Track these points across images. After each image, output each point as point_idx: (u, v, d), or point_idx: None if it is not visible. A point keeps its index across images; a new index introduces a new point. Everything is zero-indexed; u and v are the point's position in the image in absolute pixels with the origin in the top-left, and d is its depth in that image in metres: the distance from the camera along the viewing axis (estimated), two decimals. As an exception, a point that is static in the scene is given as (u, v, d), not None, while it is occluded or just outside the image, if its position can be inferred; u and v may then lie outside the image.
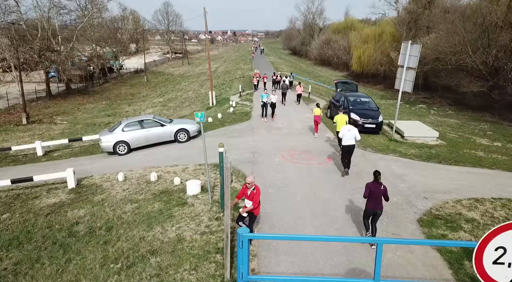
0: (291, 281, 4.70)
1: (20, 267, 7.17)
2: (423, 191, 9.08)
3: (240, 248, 2.50)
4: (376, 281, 2.50)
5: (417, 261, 6.22)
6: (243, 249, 2.49)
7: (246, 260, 2.51)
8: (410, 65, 12.86)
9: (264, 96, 16.68)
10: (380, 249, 2.57)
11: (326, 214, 7.93)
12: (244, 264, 2.49)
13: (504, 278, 2.31)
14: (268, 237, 5.93)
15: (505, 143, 18.78)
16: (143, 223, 7.95)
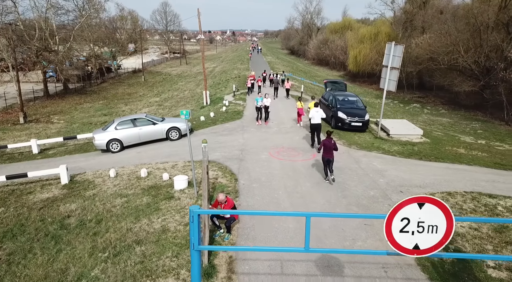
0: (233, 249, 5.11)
1: (14, 257, 7.57)
2: (400, 185, 9.52)
3: (191, 222, 2.90)
4: (306, 249, 2.91)
5: (382, 245, 6.65)
6: (194, 223, 2.90)
7: (196, 233, 2.91)
8: (393, 65, 13.28)
9: (258, 100, 16.34)
10: (308, 222, 3.00)
11: (305, 206, 8.36)
12: (194, 236, 2.90)
13: (409, 244, 2.73)
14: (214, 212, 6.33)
15: (490, 141, 19.25)
16: (131, 216, 8.36)
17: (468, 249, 6.62)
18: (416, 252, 2.80)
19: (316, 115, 12.12)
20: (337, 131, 15.04)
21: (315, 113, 12.15)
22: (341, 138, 14.02)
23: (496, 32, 32.16)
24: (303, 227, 7.43)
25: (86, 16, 43.59)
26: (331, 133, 9.56)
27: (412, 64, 39.84)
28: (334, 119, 15.26)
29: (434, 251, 2.77)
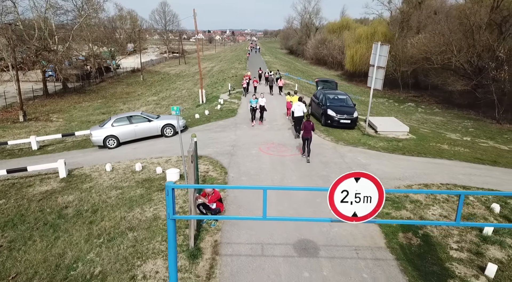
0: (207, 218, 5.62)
1: (14, 244, 8.09)
2: (380, 178, 9.86)
3: (167, 195, 3.41)
4: (264, 217, 3.42)
5: (358, 234, 7.18)
6: (169, 196, 3.41)
7: (171, 204, 3.42)
8: (380, 65, 13.80)
9: (253, 102, 16.08)
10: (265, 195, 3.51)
11: (289, 198, 8.88)
12: (169, 207, 3.41)
13: (349, 212, 3.24)
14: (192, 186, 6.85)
15: (477, 138, 19.80)
16: (125, 206, 8.88)
17: (436, 234, 7.15)
18: (355, 219, 3.31)
19: (297, 108, 13.61)
20: (327, 129, 15.57)
21: (297, 107, 13.67)
22: (329, 135, 14.55)
23: (489, 32, 32.71)
24: (283, 213, 7.99)
25: (85, 16, 44.06)
26: (309, 116, 11.80)
27: (407, 63, 40.42)
28: (324, 116, 15.78)
29: (369, 218, 3.29)
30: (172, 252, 3.68)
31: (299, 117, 13.44)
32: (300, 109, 13.53)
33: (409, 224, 7.07)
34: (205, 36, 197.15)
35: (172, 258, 3.72)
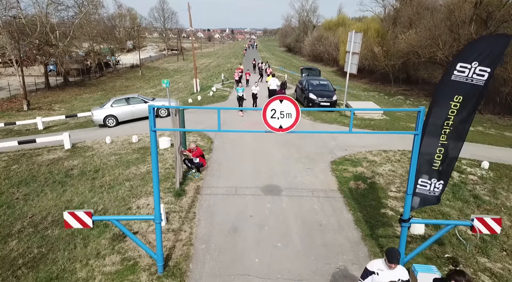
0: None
1: (29, 196, 9.50)
2: (346, 146, 11.48)
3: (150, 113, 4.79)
4: (219, 129, 4.81)
5: (317, 182, 8.62)
6: (151, 114, 4.80)
7: (152, 120, 4.81)
8: (354, 51, 15.20)
9: (239, 90, 16.31)
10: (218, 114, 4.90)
11: (263, 157, 10.31)
12: (151, 122, 4.80)
13: (277, 125, 4.63)
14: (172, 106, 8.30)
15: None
16: (123, 166, 10.31)
17: (381, 182, 8.59)
18: (281, 129, 4.69)
19: (272, 83, 16.44)
20: (310, 111, 16.99)
21: (272, 81, 16.61)
22: (309, 115, 15.98)
23: (477, 27, 34.14)
24: (256, 170, 9.43)
25: (84, 12, 45.40)
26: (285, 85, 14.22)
27: (395, 57, 41.83)
28: (306, 100, 17.20)
29: (291, 129, 4.68)
30: (154, 161, 5.08)
31: (273, 90, 15.81)
32: (274, 83, 15.82)
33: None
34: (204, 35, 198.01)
35: (155, 168, 5.12)
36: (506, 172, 10.16)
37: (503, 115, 29.53)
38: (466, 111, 4.62)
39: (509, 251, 6.64)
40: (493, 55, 4.38)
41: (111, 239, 6.47)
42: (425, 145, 4.82)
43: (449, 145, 4.79)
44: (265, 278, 5.28)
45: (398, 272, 3.62)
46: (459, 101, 4.57)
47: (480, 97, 4.56)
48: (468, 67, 4.45)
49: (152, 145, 4.96)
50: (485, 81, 4.49)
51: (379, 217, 7.06)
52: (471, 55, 4.42)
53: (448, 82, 4.58)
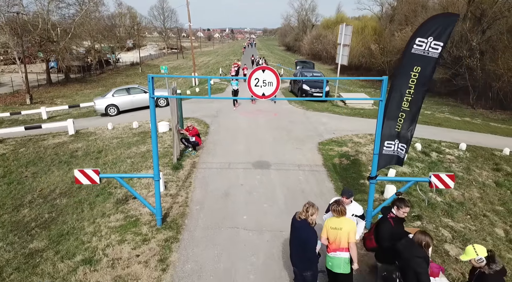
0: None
1: (37, 174, 10.21)
2: (334, 130, 12.19)
3: (149, 81, 5.48)
4: (209, 97, 5.50)
5: (304, 158, 9.34)
6: (150, 83, 5.49)
7: (151, 87, 5.51)
8: (345, 43, 15.92)
9: (233, 84, 16.22)
10: (209, 83, 5.59)
11: (255, 140, 11.02)
12: (150, 90, 5.50)
13: (260, 92, 5.33)
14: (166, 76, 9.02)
15: (439, 113, 21.96)
16: (124, 146, 11.02)
17: (363, 159, 9.30)
18: (264, 96, 5.38)
19: None
20: (303, 102, 17.69)
21: None
22: (302, 105, 16.69)
23: (471, 25, 34.87)
24: (249, 150, 10.15)
25: (85, 9, 46.07)
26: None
27: (391, 54, 42.55)
28: (300, 91, 17.91)
29: (272, 95, 5.37)
30: (153, 126, 5.78)
31: None
32: None
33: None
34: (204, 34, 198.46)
35: (154, 133, 5.83)
36: (482, 152, 10.88)
37: (494, 110, 30.18)
38: (423, 80, 5.34)
39: (473, 216, 7.37)
40: (445, 31, 5.10)
41: (115, 203, 7.19)
42: (390, 111, 5.53)
43: (410, 111, 5.50)
44: (252, 230, 6.00)
45: (353, 207, 4.32)
46: (418, 72, 5.28)
47: (434, 68, 5.27)
48: (425, 42, 5.16)
49: (151, 110, 5.67)
50: (438, 53, 5.20)
51: (358, 186, 7.78)
52: (427, 31, 5.13)
53: (409, 55, 5.29)
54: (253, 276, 4.89)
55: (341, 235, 3.73)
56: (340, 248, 3.75)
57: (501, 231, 7.06)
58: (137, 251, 5.42)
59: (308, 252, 3.71)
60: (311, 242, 3.67)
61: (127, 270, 4.98)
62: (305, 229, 3.70)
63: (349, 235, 3.70)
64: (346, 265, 3.76)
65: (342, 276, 3.80)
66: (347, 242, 3.71)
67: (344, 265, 3.75)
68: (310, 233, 3.68)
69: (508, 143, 12.22)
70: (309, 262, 3.75)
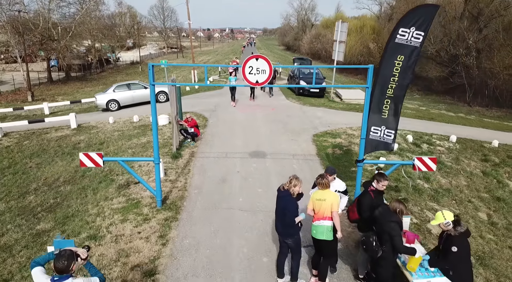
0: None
1: (41, 165, 10.56)
2: (329, 123, 12.55)
3: (150, 70, 5.84)
4: (205, 84, 5.86)
5: (299, 149, 9.70)
6: (150, 71, 5.85)
7: (151, 75, 5.86)
8: (341, 39, 16.26)
9: (232, 79, 16.15)
10: (205, 71, 5.94)
11: (252, 132, 11.37)
12: (150, 77, 5.85)
13: (254, 80, 5.64)
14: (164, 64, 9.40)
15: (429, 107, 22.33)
16: (125, 138, 11.38)
17: (356, 149, 9.66)
18: (257, 84, 5.73)
19: None
20: (299, 97, 18.06)
21: None
22: (299, 100, 17.05)
23: (469, 23, 35.25)
24: (246, 141, 10.52)
25: (85, 8, 46.41)
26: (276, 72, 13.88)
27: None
28: (297, 87, 18.26)
29: (265, 83, 5.72)
30: (153, 112, 6.13)
31: None
32: None
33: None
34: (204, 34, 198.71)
35: (154, 118, 6.18)
36: (472, 144, 11.24)
37: (490, 108, 30.55)
38: (406, 68, 5.69)
39: (458, 201, 7.74)
40: (426, 21, 5.46)
41: (117, 188, 7.55)
42: (376, 97, 5.88)
43: (395, 97, 5.86)
44: (246, 210, 6.36)
45: (336, 184, 4.69)
46: (401, 60, 5.64)
47: (417, 56, 5.63)
48: (407, 32, 5.52)
49: (152, 98, 6.03)
50: (420, 43, 5.56)
51: (349, 173, 8.13)
52: (409, 22, 5.49)
53: (393, 44, 5.65)
54: (246, 249, 5.25)
55: (325, 206, 4.09)
56: (324, 217, 4.11)
57: (484, 215, 7.43)
58: (139, 228, 5.78)
59: (287, 218, 4.10)
60: (291, 209, 4.07)
61: (130, 244, 5.34)
62: (286, 197, 4.10)
63: (332, 205, 4.06)
64: (329, 233, 4.12)
65: (324, 243, 4.15)
66: (330, 212, 4.07)
67: (326, 232, 4.11)
68: (290, 202, 4.08)
69: (498, 136, 12.59)
70: (289, 229, 4.14)
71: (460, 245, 3.52)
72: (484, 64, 31.37)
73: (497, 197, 8.19)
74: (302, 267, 4.87)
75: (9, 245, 6.21)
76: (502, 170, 9.68)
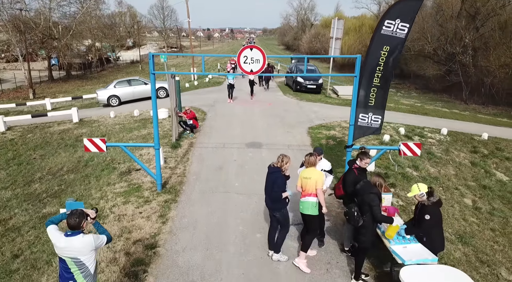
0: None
1: (44, 156, 10.90)
2: (324, 117, 12.91)
3: (150, 59, 6.19)
4: (203, 72, 6.22)
5: (294, 140, 10.06)
6: (151, 60, 6.20)
7: (152, 65, 6.22)
8: (337, 36, 16.62)
9: (230, 78, 15.67)
10: (203, 60, 6.30)
11: (249, 125, 11.73)
12: (151, 67, 6.20)
13: (248, 69, 6.04)
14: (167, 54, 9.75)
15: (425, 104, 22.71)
16: (126, 131, 11.74)
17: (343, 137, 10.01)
18: (252, 72, 6.08)
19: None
20: (296, 93, 18.43)
21: None
22: (297, 96, 17.42)
23: (466, 22, 35.62)
24: (243, 133, 10.87)
25: (86, 7, 46.76)
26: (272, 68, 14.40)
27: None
28: (295, 83, 18.63)
29: (259, 72, 6.07)
30: (154, 99, 6.48)
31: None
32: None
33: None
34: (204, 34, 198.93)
35: (154, 105, 6.53)
36: (462, 137, 11.61)
37: (486, 105, 30.91)
38: (391, 58, 6.05)
39: (445, 188, 8.10)
40: (411, 14, 5.81)
41: (119, 175, 7.91)
42: (363, 86, 6.24)
43: (381, 86, 6.22)
44: (242, 193, 6.72)
45: (322, 163, 5.05)
46: (387, 51, 6.00)
47: (401, 47, 5.98)
48: (393, 23, 5.87)
49: (152, 86, 6.38)
50: (405, 34, 5.91)
51: (342, 162, 8.48)
52: (394, 14, 5.85)
53: (379, 35, 6.01)
54: (241, 227, 5.61)
55: (310, 183, 4.44)
56: (309, 193, 4.47)
57: (469, 201, 7.79)
58: (140, 209, 6.14)
59: (275, 193, 4.48)
60: (279, 184, 4.45)
61: (132, 222, 5.70)
62: (276, 173, 4.48)
63: (317, 183, 4.41)
64: (314, 208, 4.47)
65: (309, 217, 4.51)
66: (314, 189, 4.43)
67: (311, 207, 4.46)
68: (279, 177, 4.47)
69: (489, 130, 12.95)
70: (277, 203, 4.51)
71: (432, 213, 3.88)
72: (480, 63, 31.74)
73: (483, 185, 8.55)
74: (293, 242, 5.24)
75: (18, 227, 6.56)
76: (490, 161, 10.05)
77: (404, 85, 45.03)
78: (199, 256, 4.85)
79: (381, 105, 6.35)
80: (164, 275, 4.48)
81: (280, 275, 4.52)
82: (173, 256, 4.85)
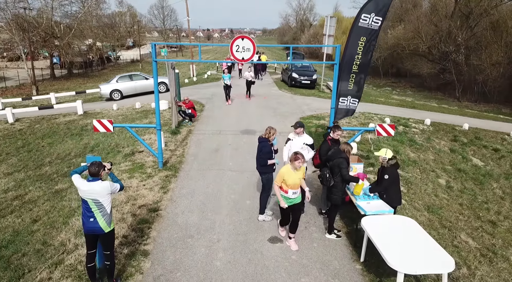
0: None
1: (52, 144, 11.64)
2: (316, 109, 13.67)
3: (152, 48, 6.93)
4: (199, 60, 6.97)
5: (285, 127, 10.79)
6: (153, 49, 6.94)
7: (154, 53, 6.95)
8: (330, 33, 17.38)
9: (225, 78, 14.44)
10: (199, 50, 7.04)
11: (244, 115, 12.48)
12: (153, 54, 6.95)
13: (240, 57, 6.78)
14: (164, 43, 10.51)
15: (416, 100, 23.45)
16: (128, 121, 12.48)
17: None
18: (243, 60, 6.83)
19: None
20: (291, 88, 19.18)
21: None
22: (291, 90, 18.18)
23: (460, 23, 36.43)
24: (238, 122, 11.60)
25: (87, 7, 47.51)
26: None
27: (382, 49, 44.09)
28: (290, 79, 19.38)
29: (250, 59, 6.81)
30: (155, 83, 7.22)
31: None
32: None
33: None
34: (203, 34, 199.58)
35: (156, 89, 7.27)
36: (444, 127, 12.37)
37: (479, 103, 31.70)
38: (368, 48, 6.80)
39: (422, 170, 8.84)
40: (384, 8, 6.57)
41: (123, 156, 8.65)
42: (343, 73, 6.99)
43: (359, 73, 6.97)
44: (235, 170, 7.47)
45: (304, 138, 5.80)
46: (364, 41, 6.75)
47: (376, 38, 6.73)
48: (368, 17, 6.63)
49: (154, 74, 7.13)
50: (379, 26, 6.67)
51: (328, 146, 9.24)
52: (370, 8, 6.60)
53: (357, 27, 6.76)
54: (233, 196, 6.36)
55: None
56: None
57: (443, 181, 8.54)
58: (144, 182, 6.88)
59: (261, 159, 5.25)
60: (265, 151, 5.21)
61: (136, 192, 6.44)
62: (263, 142, 5.26)
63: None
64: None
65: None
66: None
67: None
68: (266, 146, 5.26)
69: (472, 121, 13.71)
70: (263, 167, 5.27)
71: (390, 173, 4.63)
72: (473, 61, 32.53)
73: (458, 168, 9.31)
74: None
75: (34, 200, 7.30)
76: (468, 148, 10.81)
77: (400, 84, 45.83)
78: (196, 217, 5.60)
79: (359, 89, 7.10)
80: (166, 230, 5.23)
81: (264, 230, 5.27)
82: (173, 217, 5.59)
